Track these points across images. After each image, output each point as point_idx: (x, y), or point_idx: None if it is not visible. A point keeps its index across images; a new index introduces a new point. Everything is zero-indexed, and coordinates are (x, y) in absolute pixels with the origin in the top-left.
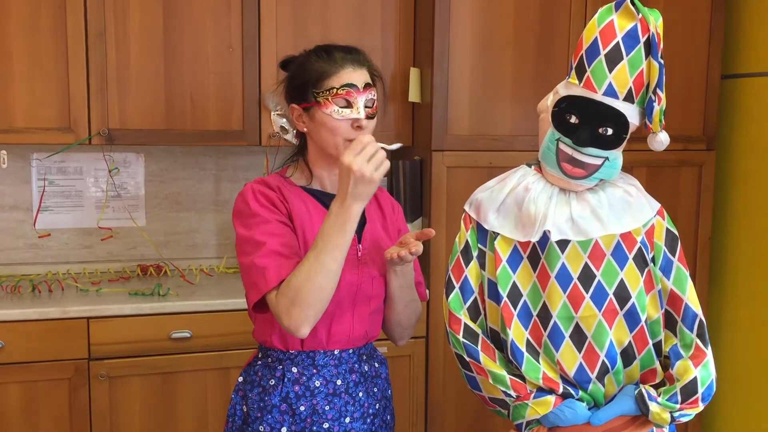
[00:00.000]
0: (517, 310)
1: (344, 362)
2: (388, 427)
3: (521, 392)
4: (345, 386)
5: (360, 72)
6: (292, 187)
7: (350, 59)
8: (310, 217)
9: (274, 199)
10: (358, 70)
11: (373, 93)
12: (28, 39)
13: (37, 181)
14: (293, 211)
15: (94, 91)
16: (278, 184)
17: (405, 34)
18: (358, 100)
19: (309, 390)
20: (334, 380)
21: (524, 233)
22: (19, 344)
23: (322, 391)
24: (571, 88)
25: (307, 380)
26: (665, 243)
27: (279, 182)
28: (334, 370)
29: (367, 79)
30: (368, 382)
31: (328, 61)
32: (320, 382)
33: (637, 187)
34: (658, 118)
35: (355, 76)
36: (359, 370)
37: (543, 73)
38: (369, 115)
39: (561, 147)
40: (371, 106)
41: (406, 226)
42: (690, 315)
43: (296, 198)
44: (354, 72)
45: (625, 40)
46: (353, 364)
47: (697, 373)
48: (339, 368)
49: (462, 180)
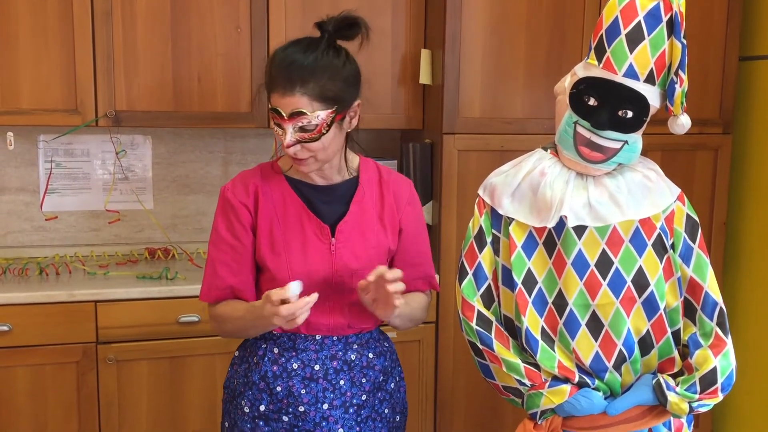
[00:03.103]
0: (532, 297)
1: (326, 348)
2: (385, 421)
3: (536, 381)
4: (323, 372)
5: (289, 99)
6: (274, 178)
7: (282, 83)
8: (284, 207)
9: (238, 208)
10: (287, 96)
11: (304, 121)
12: (34, 20)
13: (44, 163)
14: (261, 210)
15: (101, 73)
16: (256, 182)
17: (416, 15)
18: (286, 127)
19: (286, 371)
20: (312, 365)
21: (540, 219)
22: (26, 327)
23: (299, 374)
24: (590, 69)
25: (286, 362)
26: (685, 229)
27: (260, 175)
28: (313, 355)
29: (298, 106)
30: (354, 371)
31: (268, 75)
32: (297, 365)
33: (657, 171)
34: (680, 101)
35: (282, 103)
36: (343, 358)
37: (556, 55)
38: (304, 139)
39: (579, 130)
40: (311, 129)
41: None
42: (710, 303)
43: (275, 189)
44: (282, 98)
45: (647, 19)
46: (336, 351)
47: (716, 362)
48: (319, 354)
49: (473, 163)
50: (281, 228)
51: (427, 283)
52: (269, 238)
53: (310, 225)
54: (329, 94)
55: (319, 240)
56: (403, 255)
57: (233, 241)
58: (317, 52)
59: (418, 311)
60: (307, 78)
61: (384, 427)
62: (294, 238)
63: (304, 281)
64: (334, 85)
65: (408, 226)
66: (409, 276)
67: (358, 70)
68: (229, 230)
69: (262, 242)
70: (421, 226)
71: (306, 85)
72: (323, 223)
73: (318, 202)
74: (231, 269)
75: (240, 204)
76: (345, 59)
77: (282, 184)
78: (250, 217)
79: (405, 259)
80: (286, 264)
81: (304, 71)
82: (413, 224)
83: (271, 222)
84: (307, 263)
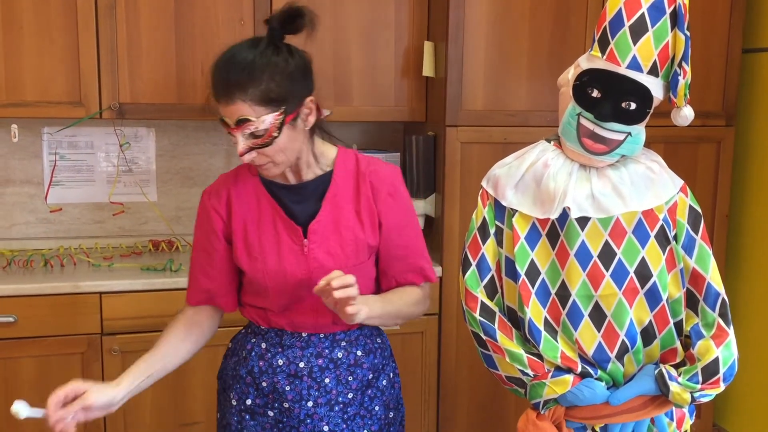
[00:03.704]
0: (535, 288)
1: (312, 346)
2: (375, 418)
3: (539, 371)
4: (308, 370)
5: (232, 108)
6: (249, 180)
7: (221, 92)
8: (258, 210)
9: (211, 215)
10: (229, 105)
11: (251, 127)
12: (38, 12)
13: (48, 156)
14: (235, 215)
15: (105, 65)
16: (230, 186)
17: (419, 7)
18: (236, 135)
19: (272, 367)
20: (297, 362)
21: (543, 210)
22: (31, 319)
23: (284, 370)
24: (594, 60)
25: (272, 357)
26: (688, 221)
27: (234, 179)
28: (298, 352)
29: (241, 114)
30: (340, 369)
31: (210, 84)
32: (283, 361)
33: (660, 163)
34: (683, 92)
35: (226, 112)
36: (329, 356)
37: (559, 47)
38: (257, 145)
39: (582, 122)
40: (261, 135)
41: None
42: (712, 294)
43: (249, 192)
44: (225, 108)
45: (651, 11)
46: (323, 348)
47: (718, 352)
48: (305, 351)
49: (476, 156)
50: (256, 231)
51: (421, 276)
52: (244, 242)
53: (283, 227)
54: (272, 96)
55: (293, 242)
56: (389, 249)
57: (208, 246)
58: (255, 53)
59: (408, 307)
60: (244, 83)
61: (375, 424)
62: (268, 240)
63: (280, 283)
64: (277, 85)
65: (389, 219)
66: (399, 270)
67: (306, 63)
68: (204, 235)
69: (238, 246)
70: (407, 218)
71: (245, 91)
72: (295, 224)
73: (290, 203)
74: (206, 274)
75: (213, 210)
76: (287, 55)
77: (257, 186)
78: (222, 223)
79: (391, 254)
80: (262, 267)
81: (241, 76)
82: (395, 216)
83: (245, 226)
84: (281, 266)
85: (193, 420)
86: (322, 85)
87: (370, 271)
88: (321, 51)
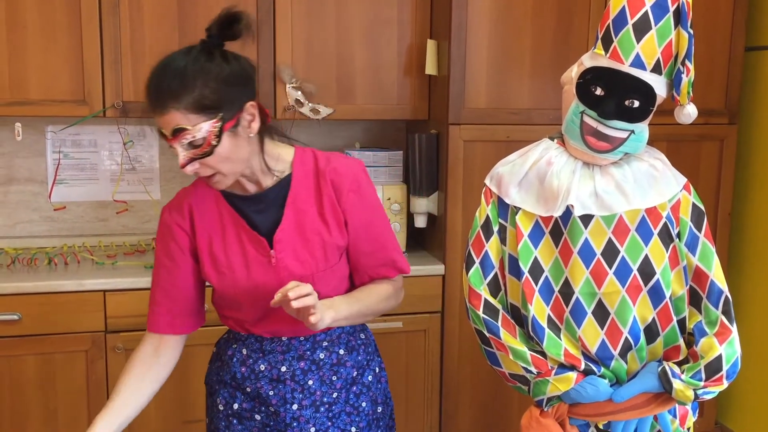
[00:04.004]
0: (539, 285)
1: (293, 349)
2: (363, 414)
3: (542, 368)
4: (290, 373)
5: (166, 118)
6: (210, 193)
7: (155, 103)
8: (222, 223)
9: (174, 230)
10: (164, 115)
11: (188, 137)
12: (41, 11)
13: (52, 154)
14: (198, 230)
15: (108, 64)
16: (191, 200)
17: (422, 5)
18: (175, 146)
19: (254, 373)
20: (279, 366)
21: (546, 208)
22: (35, 317)
23: (266, 375)
24: (597, 59)
25: (253, 363)
26: (691, 218)
27: (195, 193)
28: (279, 356)
29: (176, 123)
30: (323, 370)
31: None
32: (265, 366)
33: (663, 161)
34: (686, 90)
35: (162, 123)
36: (311, 358)
37: (562, 45)
38: (198, 155)
39: (585, 120)
40: (200, 144)
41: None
42: (715, 291)
43: (211, 205)
44: (160, 118)
45: (654, 9)
46: (304, 351)
47: (722, 350)
48: (286, 355)
49: (479, 154)
50: (221, 245)
51: (393, 268)
52: (211, 257)
53: (248, 239)
54: (207, 102)
55: (259, 254)
56: (357, 245)
57: (170, 263)
58: (186, 60)
59: (379, 303)
60: (176, 91)
61: (362, 420)
62: (234, 254)
63: (252, 296)
64: (212, 92)
65: (354, 216)
66: (370, 265)
67: (244, 69)
68: (166, 254)
69: (205, 262)
70: (373, 212)
71: (178, 99)
72: (259, 235)
73: (252, 213)
74: (167, 294)
75: (177, 226)
76: (221, 61)
77: (218, 199)
78: (187, 239)
79: (359, 249)
80: (231, 282)
81: (172, 85)
82: (360, 212)
83: (210, 240)
84: (251, 279)
85: (196, 417)
86: (326, 82)
87: (342, 270)
88: (324, 50)
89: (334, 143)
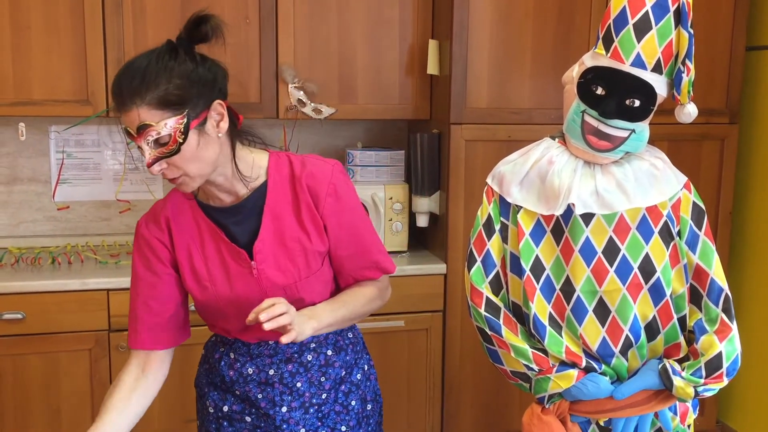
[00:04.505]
0: (540, 283)
1: (280, 352)
2: (353, 413)
3: (543, 366)
4: (278, 376)
5: (131, 114)
6: (185, 205)
7: (120, 100)
8: (200, 236)
9: (154, 244)
10: (129, 112)
11: (153, 133)
12: (45, 12)
13: (56, 154)
14: (177, 243)
15: (112, 64)
16: (167, 214)
17: (423, 5)
18: (141, 145)
19: (242, 376)
20: (267, 369)
21: (548, 206)
22: (39, 316)
23: (254, 378)
24: (598, 58)
25: (241, 366)
26: (691, 217)
27: (170, 205)
28: (267, 360)
29: (141, 119)
30: (311, 371)
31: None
32: (253, 370)
33: (664, 160)
34: (687, 90)
35: (126, 120)
36: (298, 360)
37: (563, 45)
38: (164, 153)
39: (586, 119)
40: (167, 141)
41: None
42: (716, 289)
43: (187, 218)
44: (126, 116)
45: (655, 9)
46: (291, 354)
47: (722, 347)
48: (273, 358)
49: (480, 153)
50: (201, 258)
51: (377, 270)
52: (191, 270)
53: (227, 251)
54: (172, 98)
55: (240, 266)
56: (339, 249)
57: (151, 277)
58: (150, 59)
59: (363, 306)
60: (139, 88)
61: (352, 419)
62: (215, 267)
63: (236, 308)
64: (176, 88)
65: (333, 220)
66: (354, 267)
67: (210, 69)
68: (146, 267)
69: (186, 276)
70: (353, 215)
71: (142, 96)
72: (238, 247)
73: (230, 225)
74: (150, 309)
75: (156, 240)
76: (185, 58)
77: (194, 211)
78: (167, 252)
79: (342, 253)
80: (214, 295)
81: (134, 81)
82: (339, 216)
83: (189, 254)
84: (234, 292)
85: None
86: (328, 82)
87: (326, 275)
88: (326, 50)
89: (336, 143)
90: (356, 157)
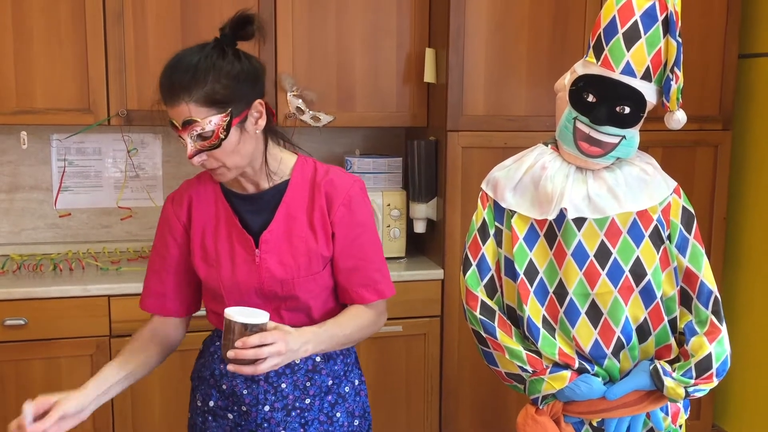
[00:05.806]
0: (534, 287)
1: None
2: (337, 425)
3: (537, 367)
4: (265, 375)
5: (178, 109)
6: (211, 186)
7: (167, 95)
8: (217, 217)
9: (171, 220)
10: (175, 107)
11: (198, 128)
12: (47, 21)
13: (57, 162)
14: (194, 221)
15: (113, 72)
16: (191, 192)
17: (420, 14)
18: (184, 137)
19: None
20: None
21: (541, 211)
22: (41, 322)
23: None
24: (589, 66)
25: None
26: (681, 221)
27: (197, 184)
28: None
29: (188, 115)
30: (297, 375)
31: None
32: None
33: (654, 165)
34: (676, 97)
35: (174, 114)
36: None
37: (558, 53)
38: (205, 147)
39: (578, 125)
40: (209, 136)
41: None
42: (705, 292)
43: (209, 199)
44: (172, 110)
45: (644, 18)
46: None
47: (711, 348)
48: None
49: (477, 160)
50: (213, 238)
51: (374, 291)
52: (202, 248)
53: (237, 236)
54: (218, 97)
55: (245, 251)
56: (340, 261)
57: (163, 250)
58: (200, 56)
59: (359, 331)
60: (188, 85)
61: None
62: (223, 248)
63: (234, 291)
64: (222, 87)
65: (341, 230)
66: (353, 282)
67: (255, 68)
68: (162, 241)
69: (196, 253)
70: (362, 229)
71: (190, 92)
72: (248, 234)
73: (245, 212)
74: (159, 278)
75: (173, 215)
76: (233, 59)
77: (216, 193)
78: (181, 229)
79: (342, 266)
80: (216, 275)
81: (184, 78)
82: (348, 227)
83: (203, 232)
84: (234, 275)
85: None
86: (326, 90)
87: (325, 280)
88: (325, 58)
89: (334, 150)
90: (354, 165)
